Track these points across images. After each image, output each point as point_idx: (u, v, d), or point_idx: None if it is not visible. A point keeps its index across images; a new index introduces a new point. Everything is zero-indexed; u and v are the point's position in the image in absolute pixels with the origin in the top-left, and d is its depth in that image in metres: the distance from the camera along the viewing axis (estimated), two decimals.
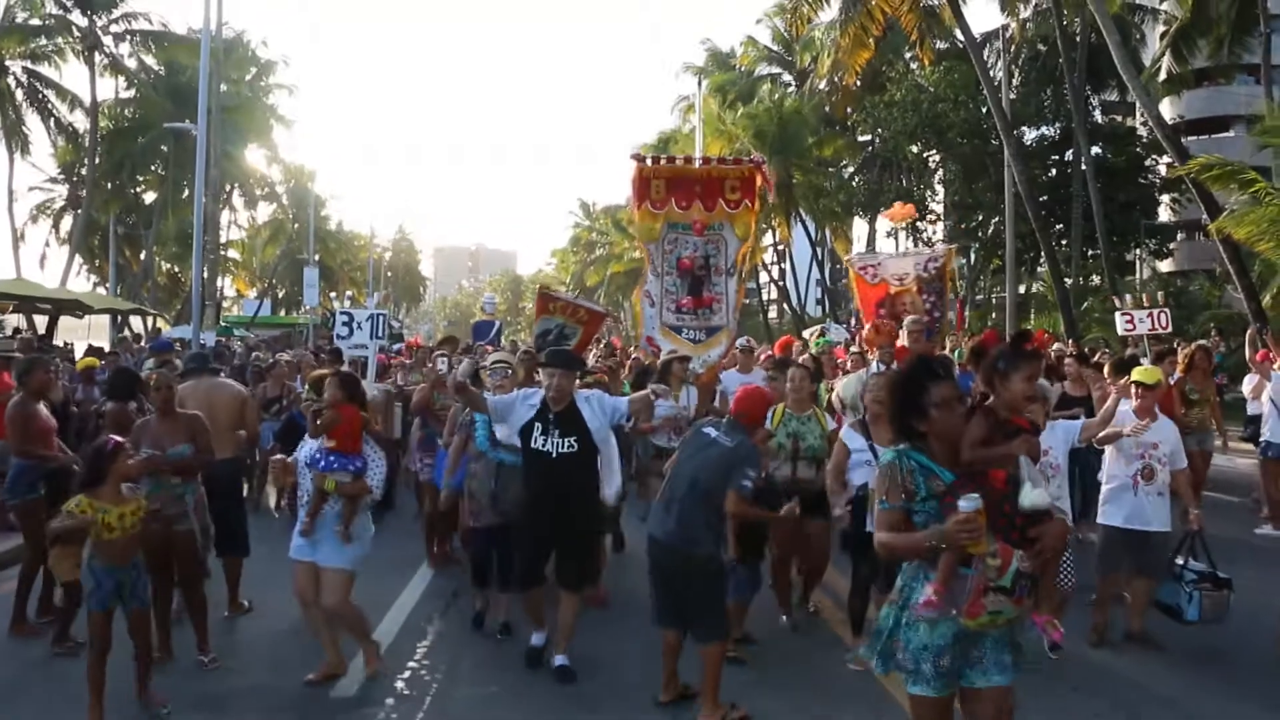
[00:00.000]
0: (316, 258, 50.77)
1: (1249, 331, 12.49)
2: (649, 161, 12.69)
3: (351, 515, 6.38)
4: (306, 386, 8.98)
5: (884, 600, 4.06)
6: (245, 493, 10.74)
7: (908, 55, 36.05)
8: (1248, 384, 13.31)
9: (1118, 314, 14.77)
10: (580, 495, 6.62)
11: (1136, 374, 7.30)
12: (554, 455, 6.46)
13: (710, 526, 5.98)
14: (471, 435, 7.58)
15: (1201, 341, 14.96)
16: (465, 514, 7.81)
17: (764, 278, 51.04)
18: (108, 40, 36.69)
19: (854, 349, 14.35)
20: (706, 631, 5.89)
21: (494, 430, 7.20)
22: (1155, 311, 14.73)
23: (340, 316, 15.30)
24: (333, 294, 62.00)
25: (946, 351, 13.32)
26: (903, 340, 11.15)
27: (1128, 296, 15.82)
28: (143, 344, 26.27)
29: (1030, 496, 3.68)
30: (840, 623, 7.70)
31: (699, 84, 38.77)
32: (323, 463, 6.36)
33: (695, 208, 12.27)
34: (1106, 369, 9.54)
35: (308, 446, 6.55)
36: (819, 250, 45.99)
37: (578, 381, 7.45)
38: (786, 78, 46.82)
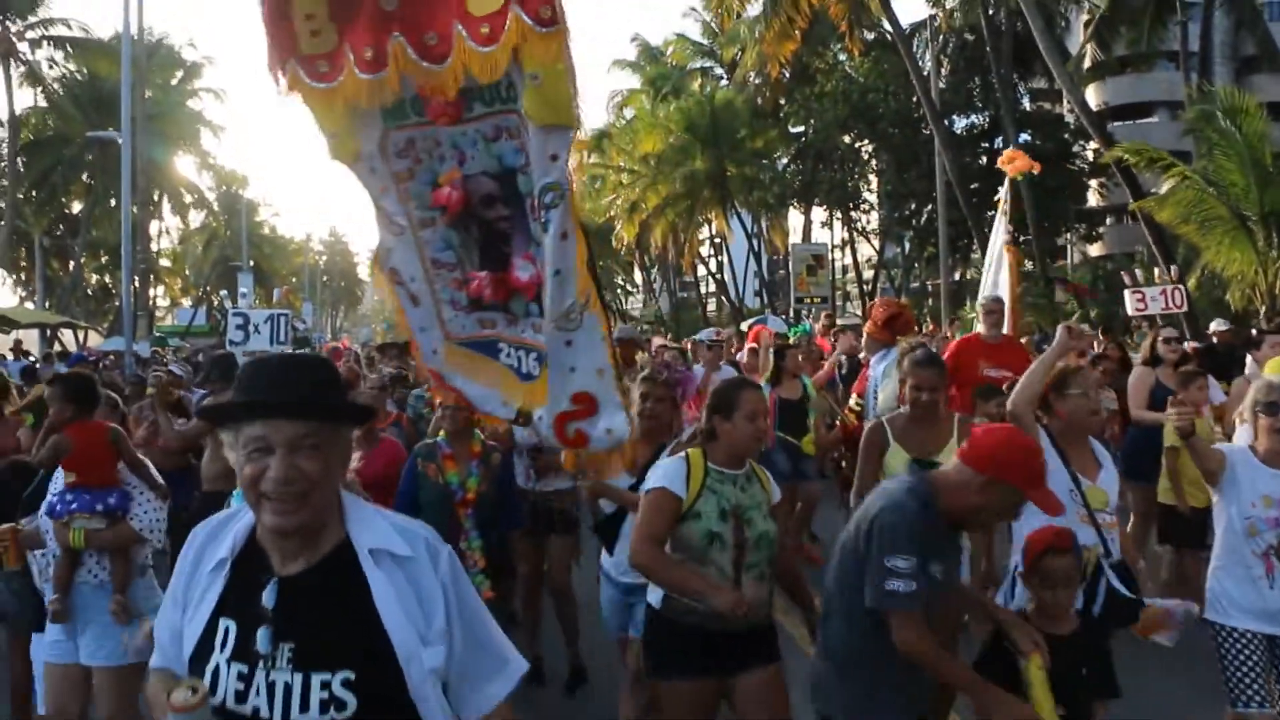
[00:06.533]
0: (251, 263, 49.94)
1: None
2: None
3: (124, 577, 4.31)
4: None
5: None
6: None
7: (836, 47, 36.34)
8: None
9: (1127, 292, 13.23)
10: None
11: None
12: None
13: (851, 669, 3.36)
14: None
15: None
16: None
17: (701, 270, 51.16)
18: (24, 47, 35.63)
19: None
20: None
21: None
22: (1169, 289, 12.74)
23: (234, 318, 12.28)
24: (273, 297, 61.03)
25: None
26: (980, 328, 7.97)
27: (1138, 272, 14.13)
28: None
29: None
30: None
31: None
32: (59, 506, 4.31)
33: (400, 53, 3.57)
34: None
35: (52, 492, 4.47)
36: (755, 242, 46.19)
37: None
38: (718, 71, 46.94)
